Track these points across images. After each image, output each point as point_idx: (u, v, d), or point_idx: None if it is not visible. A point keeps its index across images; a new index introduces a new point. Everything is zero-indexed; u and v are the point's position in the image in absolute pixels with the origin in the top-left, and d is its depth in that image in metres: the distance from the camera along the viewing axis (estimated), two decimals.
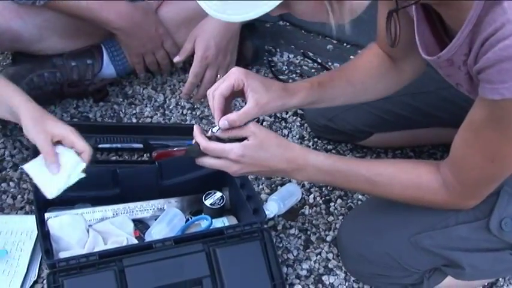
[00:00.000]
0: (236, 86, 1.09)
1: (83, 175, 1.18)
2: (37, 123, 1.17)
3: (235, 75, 1.10)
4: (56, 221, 1.24)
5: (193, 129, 1.12)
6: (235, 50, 1.66)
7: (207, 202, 1.34)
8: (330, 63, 1.90)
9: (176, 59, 1.63)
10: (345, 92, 1.22)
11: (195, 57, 1.59)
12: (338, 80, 1.21)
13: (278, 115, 1.72)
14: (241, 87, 1.10)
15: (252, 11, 0.82)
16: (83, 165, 1.18)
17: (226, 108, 1.11)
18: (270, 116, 1.70)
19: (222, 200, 1.34)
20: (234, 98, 1.15)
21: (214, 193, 1.36)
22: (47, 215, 1.24)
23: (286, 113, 1.73)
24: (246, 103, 1.10)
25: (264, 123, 1.70)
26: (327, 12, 0.85)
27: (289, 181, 1.50)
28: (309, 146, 1.65)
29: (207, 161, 1.11)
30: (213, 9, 0.85)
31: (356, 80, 1.22)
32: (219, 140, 1.09)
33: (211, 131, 1.09)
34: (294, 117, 1.72)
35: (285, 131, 1.69)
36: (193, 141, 1.11)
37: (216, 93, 1.09)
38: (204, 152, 1.09)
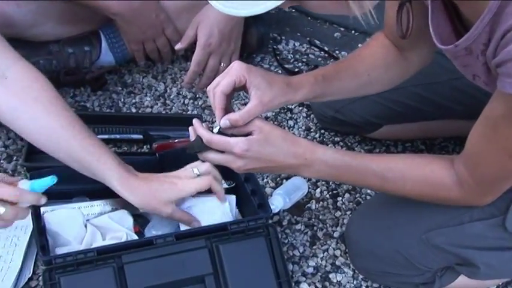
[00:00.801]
0: (238, 83, 1.10)
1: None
2: None
3: (237, 71, 1.09)
4: (53, 215, 1.23)
5: (192, 123, 1.13)
6: (239, 38, 1.65)
7: None
8: (337, 51, 1.89)
9: (178, 47, 1.62)
10: (350, 84, 1.22)
11: (198, 45, 1.58)
12: (343, 73, 1.21)
13: (284, 106, 1.69)
14: (243, 84, 1.10)
15: (263, 4, 0.82)
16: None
17: (228, 104, 1.11)
18: None
19: (232, 183, 1.36)
20: (236, 92, 1.17)
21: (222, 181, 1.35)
22: (42, 209, 1.22)
23: (292, 104, 1.72)
24: (248, 99, 1.10)
25: (269, 113, 1.71)
26: (345, 3, 0.85)
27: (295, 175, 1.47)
28: (316, 138, 1.65)
29: (210, 156, 1.11)
30: (221, 4, 0.85)
31: (361, 72, 1.23)
32: (222, 134, 1.09)
33: (213, 131, 1.10)
34: (300, 108, 1.73)
35: (291, 122, 1.69)
36: (191, 136, 1.12)
37: (216, 91, 1.09)
38: (208, 144, 1.09)
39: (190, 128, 1.14)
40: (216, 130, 1.09)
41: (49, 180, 1.07)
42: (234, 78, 1.09)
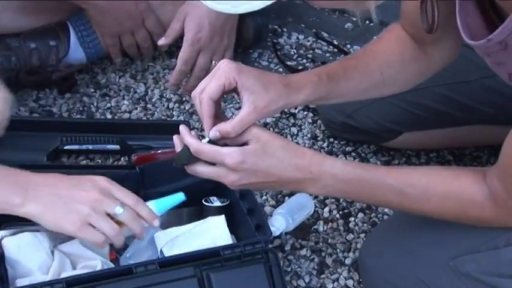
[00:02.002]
0: (227, 86, 1.11)
1: None
2: None
3: (225, 72, 1.10)
4: (13, 240, 1.22)
5: (179, 130, 1.14)
6: (233, 31, 1.66)
7: (208, 203, 1.39)
8: (348, 46, 1.90)
9: (161, 42, 1.64)
10: (360, 85, 1.23)
11: (185, 40, 1.59)
12: (352, 71, 1.22)
13: (286, 110, 1.74)
14: (234, 87, 1.11)
15: None
16: None
17: (217, 111, 1.13)
18: None
19: (225, 200, 1.38)
20: (228, 94, 1.18)
21: (214, 198, 1.39)
22: (1, 233, 1.22)
23: (295, 108, 1.74)
24: (241, 104, 1.11)
25: (269, 119, 1.72)
26: None
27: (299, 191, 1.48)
28: (323, 148, 1.67)
29: (199, 169, 1.12)
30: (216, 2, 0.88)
31: (373, 70, 1.23)
32: (214, 144, 1.10)
33: (202, 140, 1.11)
34: (305, 113, 1.74)
35: (294, 130, 1.70)
36: (177, 146, 1.13)
37: (203, 97, 1.10)
38: (196, 155, 1.10)
39: (175, 137, 1.14)
40: (205, 140, 1.10)
41: (177, 197, 1.22)
42: (223, 81, 1.10)
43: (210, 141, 1.10)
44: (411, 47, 1.24)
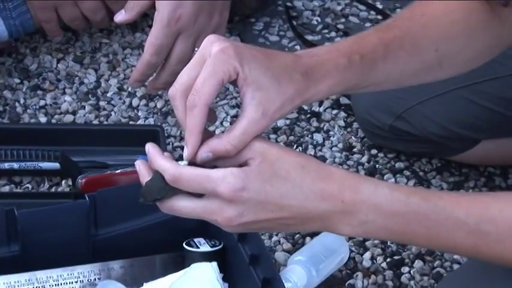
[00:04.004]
0: (225, 80, 1.09)
1: None
2: None
3: (223, 62, 1.09)
4: None
5: (145, 145, 1.12)
6: (227, 5, 1.67)
7: (191, 247, 1.40)
8: (399, 11, 1.90)
9: (119, 18, 1.67)
10: (406, 68, 1.24)
11: (157, 19, 1.61)
12: (394, 48, 1.22)
13: (305, 107, 1.74)
14: (233, 79, 1.10)
15: None
16: None
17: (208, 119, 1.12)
18: None
19: (217, 243, 1.40)
20: None
21: (200, 239, 1.42)
22: None
23: (320, 104, 1.73)
24: (241, 106, 1.10)
25: (280, 122, 1.72)
26: None
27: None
28: (362, 165, 1.67)
29: (179, 205, 1.10)
30: None
31: (425, 46, 1.24)
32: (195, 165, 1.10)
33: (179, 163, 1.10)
34: (335, 112, 1.74)
35: (318, 137, 1.71)
36: (143, 173, 1.11)
37: (197, 103, 1.08)
38: (173, 184, 1.09)
39: (138, 163, 1.13)
40: (184, 163, 1.10)
41: None
42: (221, 76, 1.08)
43: (191, 163, 1.10)
44: (479, 9, 1.23)
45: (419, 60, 1.23)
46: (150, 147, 1.11)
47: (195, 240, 1.41)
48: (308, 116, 1.75)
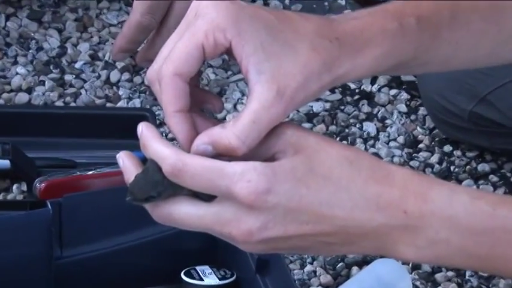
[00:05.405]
0: (210, 49, 1.02)
1: None
2: None
3: (207, 22, 1.03)
4: None
5: (137, 127, 1.05)
6: None
7: (192, 279, 1.40)
8: None
9: None
10: (483, 38, 1.18)
11: None
12: (467, 9, 1.17)
13: (351, 85, 1.76)
14: (226, 48, 1.03)
15: None
16: None
17: (199, 99, 1.07)
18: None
19: (228, 274, 1.40)
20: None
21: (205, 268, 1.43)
22: None
23: (372, 81, 1.76)
24: (247, 88, 1.03)
25: (318, 107, 1.74)
26: None
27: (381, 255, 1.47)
28: (432, 166, 1.68)
29: (179, 210, 1.01)
30: None
31: (506, 11, 1.19)
32: None
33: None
34: (393, 92, 1.76)
35: (370, 128, 1.72)
36: (128, 169, 1.05)
37: (164, 74, 1.03)
38: (173, 179, 1.00)
39: (121, 156, 1.05)
40: None
41: None
42: (200, 40, 1.02)
43: None
44: None
45: (498, 30, 1.19)
46: (145, 128, 1.05)
47: (198, 268, 1.43)
48: (356, 97, 1.76)
